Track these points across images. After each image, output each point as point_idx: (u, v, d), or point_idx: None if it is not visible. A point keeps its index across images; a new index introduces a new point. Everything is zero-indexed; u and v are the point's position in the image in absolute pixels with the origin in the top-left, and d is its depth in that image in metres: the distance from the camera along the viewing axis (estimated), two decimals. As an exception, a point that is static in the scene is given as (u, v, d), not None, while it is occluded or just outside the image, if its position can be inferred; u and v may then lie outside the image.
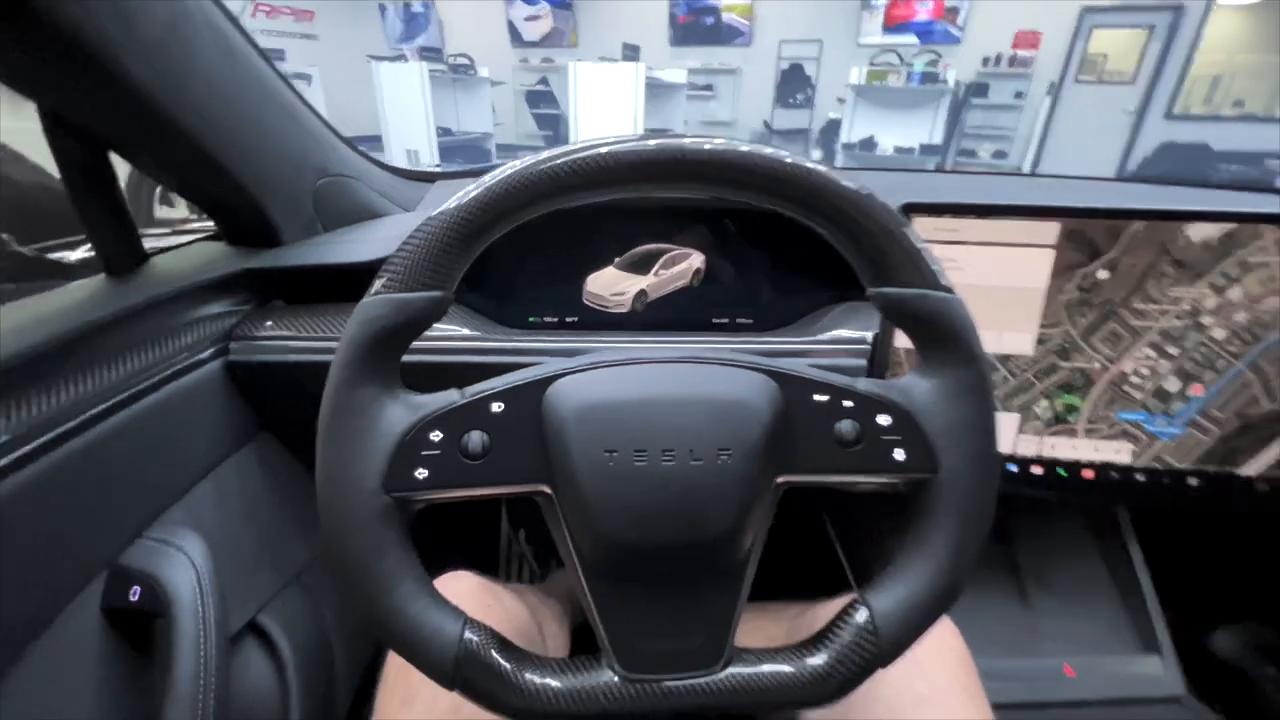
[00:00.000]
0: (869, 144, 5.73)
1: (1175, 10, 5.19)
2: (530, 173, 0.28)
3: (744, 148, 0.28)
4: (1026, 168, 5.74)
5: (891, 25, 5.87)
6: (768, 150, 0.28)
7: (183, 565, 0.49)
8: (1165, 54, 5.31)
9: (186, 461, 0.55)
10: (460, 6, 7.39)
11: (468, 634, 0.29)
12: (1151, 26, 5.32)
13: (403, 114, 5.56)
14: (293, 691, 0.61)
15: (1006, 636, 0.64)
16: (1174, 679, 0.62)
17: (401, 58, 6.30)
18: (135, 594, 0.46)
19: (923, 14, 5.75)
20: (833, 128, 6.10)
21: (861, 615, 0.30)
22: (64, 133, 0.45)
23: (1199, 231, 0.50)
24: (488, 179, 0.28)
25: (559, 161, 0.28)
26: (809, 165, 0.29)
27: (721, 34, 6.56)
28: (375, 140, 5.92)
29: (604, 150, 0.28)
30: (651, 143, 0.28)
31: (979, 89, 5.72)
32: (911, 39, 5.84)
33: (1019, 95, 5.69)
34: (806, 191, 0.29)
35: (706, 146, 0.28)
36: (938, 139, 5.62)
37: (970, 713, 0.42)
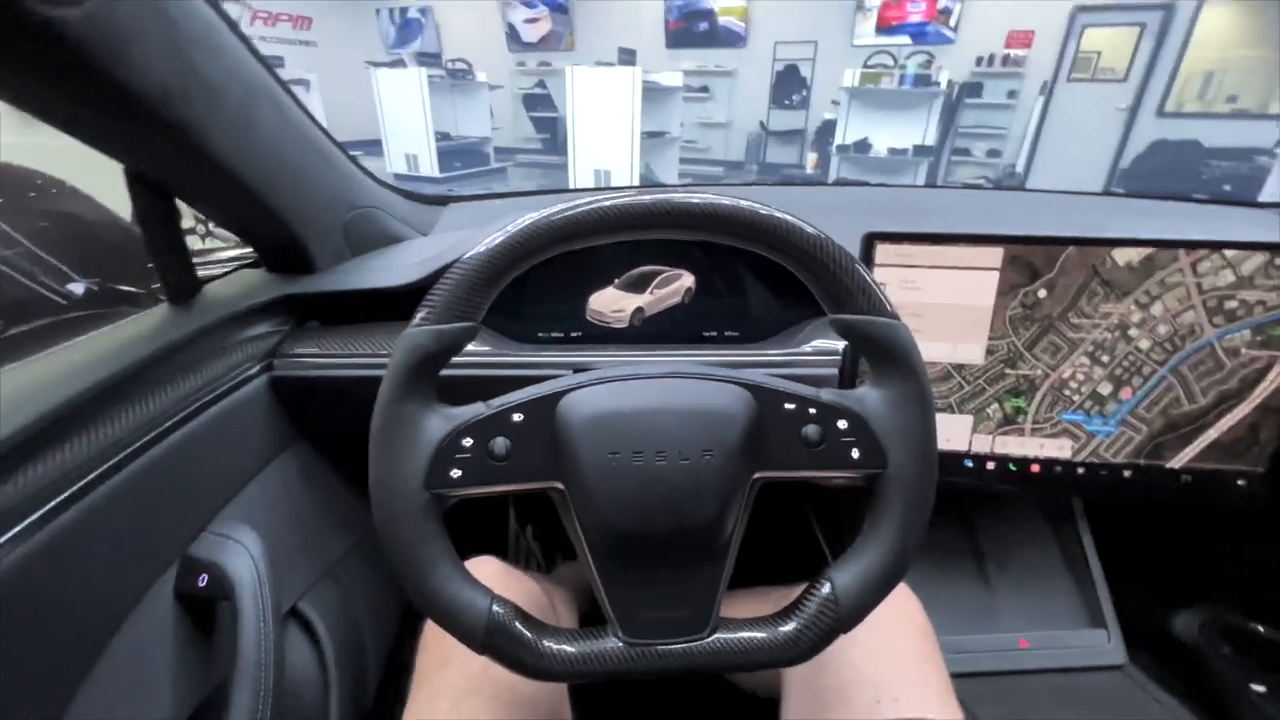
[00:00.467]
0: (863, 146, 5.78)
1: (1167, 8, 5.24)
2: (546, 223, 0.34)
3: (725, 201, 0.35)
4: (1021, 166, 5.81)
5: (885, 26, 5.93)
6: (744, 203, 0.35)
7: (242, 556, 0.56)
8: (1157, 51, 5.36)
9: (238, 465, 0.62)
10: (458, 12, 7.45)
11: (495, 608, 0.35)
12: (1143, 24, 5.37)
13: (402, 119, 5.61)
14: (330, 670, 0.68)
15: (969, 614, 0.72)
16: (1117, 650, 0.69)
17: (400, 63, 6.36)
18: (203, 580, 0.54)
19: (915, 15, 5.82)
20: (828, 128, 6.15)
21: (825, 589, 0.36)
22: (142, 187, 0.53)
23: (1123, 255, 0.58)
24: (510, 228, 0.34)
25: (570, 214, 0.34)
26: (779, 215, 0.35)
27: (718, 37, 6.62)
28: (375, 145, 5.98)
29: (607, 204, 0.34)
30: (647, 197, 0.34)
31: (972, 89, 5.78)
32: (905, 40, 5.90)
33: (1012, 94, 5.75)
34: (776, 236, 0.35)
35: (694, 200, 0.35)
36: (931, 140, 5.68)
37: (928, 673, 0.48)
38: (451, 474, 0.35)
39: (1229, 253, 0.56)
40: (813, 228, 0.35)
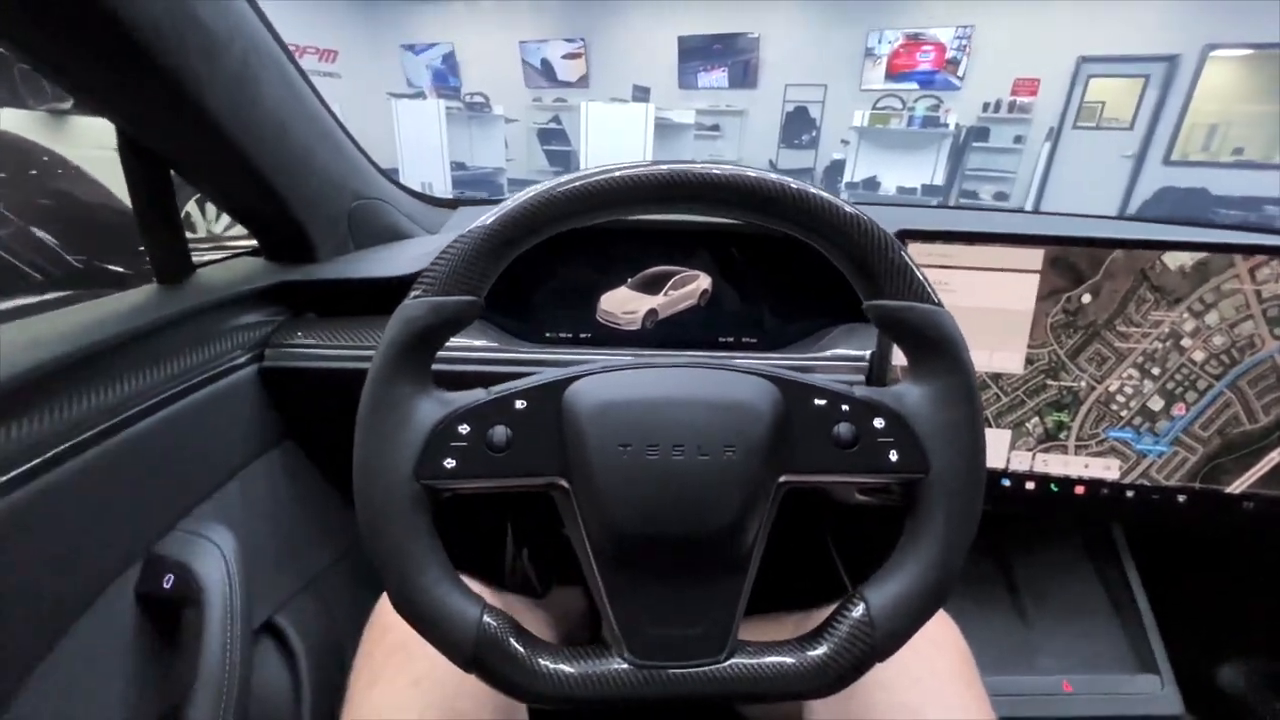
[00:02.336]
0: (872, 183, 5.87)
1: (1170, 61, 5.36)
2: (555, 192, 0.31)
3: (751, 172, 0.31)
4: (1028, 208, 5.85)
5: (894, 74, 6.09)
6: (773, 175, 0.32)
7: (214, 557, 0.51)
8: (1162, 102, 5.46)
9: (219, 460, 0.58)
10: (478, 49, 7.72)
11: (486, 619, 0.30)
12: (1147, 76, 5.48)
13: (419, 148, 5.72)
14: (304, 692, 0.62)
15: (1005, 652, 0.65)
16: (1172, 698, 0.62)
17: (420, 95, 6.53)
18: (169, 581, 0.49)
19: (924, 64, 5.97)
20: (836, 167, 6.25)
21: (858, 610, 0.31)
22: (135, 154, 0.50)
23: (1175, 260, 0.54)
24: (518, 196, 0.31)
25: (581, 183, 0.31)
26: (812, 190, 0.32)
27: (731, 51, 6.58)
28: (391, 172, 6.11)
29: (619, 174, 0.31)
30: (664, 167, 0.31)
31: (979, 133, 5.88)
32: (913, 86, 6.04)
33: (1019, 139, 5.84)
34: (808, 213, 0.32)
35: (716, 170, 0.31)
36: (939, 180, 5.76)
37: (966, 698, 0.43)
38: (445, 464, 0.31)
39: (1290, 259, 0.52)
40: (849, 205, 0.32)
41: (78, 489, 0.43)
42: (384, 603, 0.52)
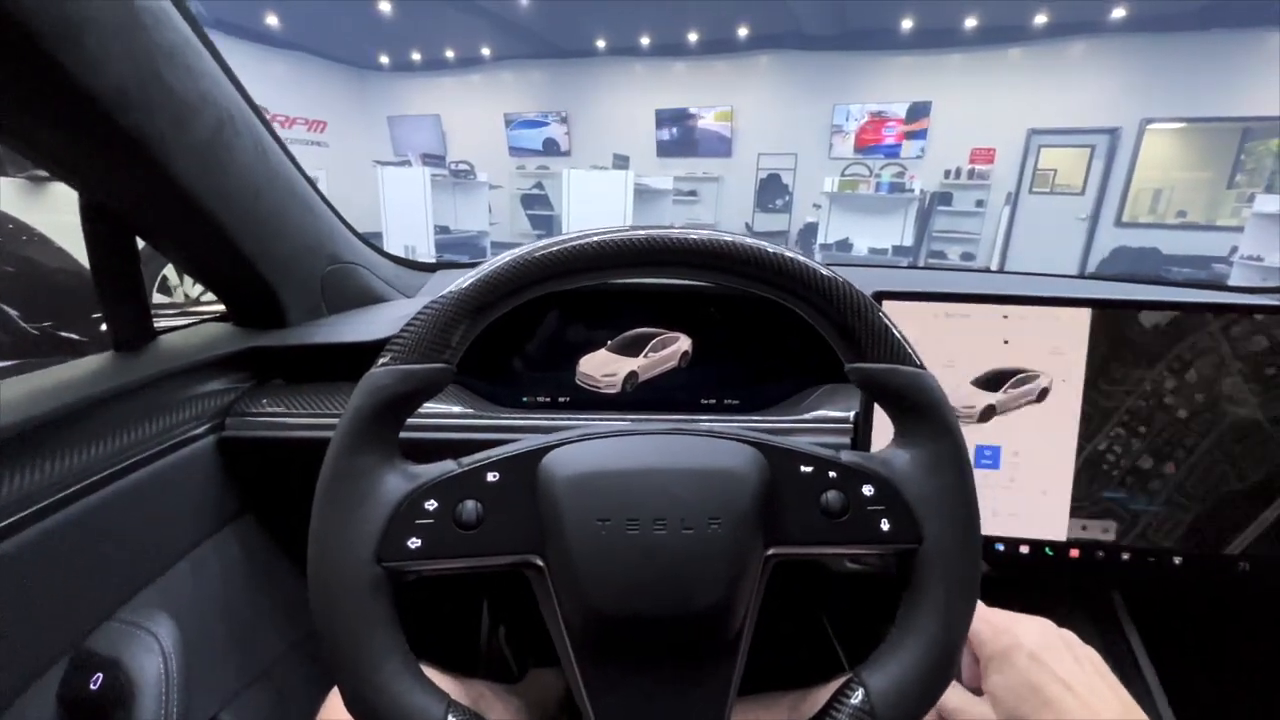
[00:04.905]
0: (845, 245, 6.10)
1: (1111, 133, 5.78)
2: (530, 257, 0.30)
3: (726, 236, 0.31)
4: (994, 268, 6.10)
5: (861, 148, 6.50)
6: (748, 239, 0.31)
7: (152, 651, 0.46)
8: (1108, 170, 5.85)
9: (168, 539, 0.53)
10: (465, 119, 8.05)
11: (451, 718, 0.27)
12: (1093, 146, 5.89)
13: (403, 213, 5.83)
14: None
15: None
16: None
17: (406, 163, 6.72)
18: (96, 681, 0.44)
19: (889, 139, 6.38)
20: (810, 230, 6.50)
21: (857, 696, 0.29)
22: (98, 217, 0.48)
23: (1149, 319, 0.55)
24: (492, 261, 0.30)
25: (556, 249, 0.30)
26: (787, 253, 0.31)
27: (696, 146, 7.16)
28: (375, 236, 6.18)
29: (596, 239, 0.30)
30: (641, 233, 0.31)
31: (943, 197, 6.21)
32: (879, 158, 6.43)
33: (980, 203, 6.17)
34: (787, 276, 0.31)
35: (693, 236, 0.31)
36: (908, 241, 6.01)
37: None
38: (410, 544, 0.28)
39: (1259, 317, 0.53)
40: (827, 269, 0.32)
41: (3, 577, 0.38)
42: (331, 701, 0.47)
